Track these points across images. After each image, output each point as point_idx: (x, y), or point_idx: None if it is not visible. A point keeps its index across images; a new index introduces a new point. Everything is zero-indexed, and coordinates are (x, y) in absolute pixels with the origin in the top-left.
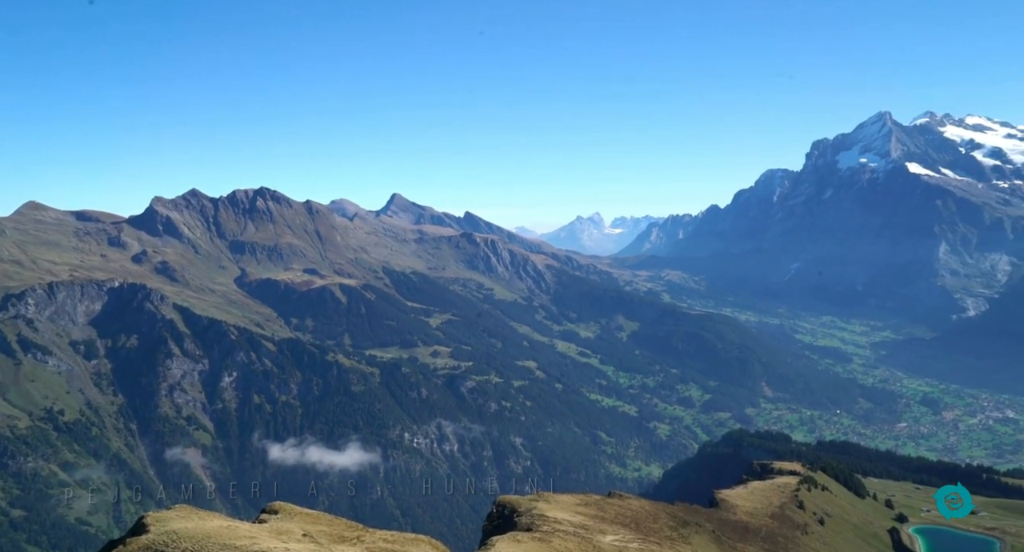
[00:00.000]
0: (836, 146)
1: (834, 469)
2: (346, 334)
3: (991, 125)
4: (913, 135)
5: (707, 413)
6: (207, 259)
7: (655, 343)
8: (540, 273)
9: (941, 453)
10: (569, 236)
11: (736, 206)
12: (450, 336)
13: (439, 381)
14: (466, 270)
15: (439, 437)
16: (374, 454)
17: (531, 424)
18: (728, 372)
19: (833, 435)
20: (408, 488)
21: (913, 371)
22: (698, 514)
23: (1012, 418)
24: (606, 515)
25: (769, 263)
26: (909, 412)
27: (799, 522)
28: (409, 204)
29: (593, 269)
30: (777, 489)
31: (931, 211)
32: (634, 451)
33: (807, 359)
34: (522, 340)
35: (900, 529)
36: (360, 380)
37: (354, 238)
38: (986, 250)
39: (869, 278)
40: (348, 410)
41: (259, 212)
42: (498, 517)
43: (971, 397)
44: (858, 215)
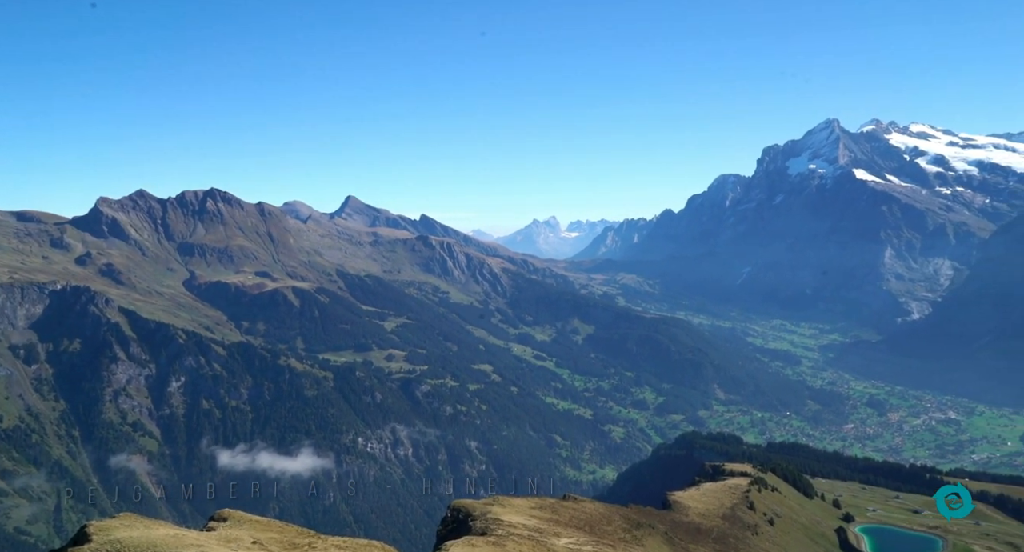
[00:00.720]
0: (786, 152)
1: (784, 470)
2: (299, 338)
3: (934, 133)
4: (860, 142)
5: (661, 415)
6: (155, 261)
7: (610, 346)
8: (496, 276)
9: (886, 453)
10: (525, 240)
11: (690, 211)
12: (405, 339)
13: (394, 385)
14: (422, 273)
15: (393, 441)
16: (327, 459)
17: (486, 428)
18: (681, 375)
19: (783, 436)
20: (362, 493)
21: (860, 373)
22: (651, 516)
23: (954, 419)
24: (560, 518)
25: (722, 267)
26: (856, 413)
27: (750, 523)
28: (364, 206)
29: (549, 272)
30: (728, 490)
31: (877, 217)
32: (589, 454)
33: (758, 362)
34: (478, 343)
35: (847, 528)
36: (313, 384)
37: (307, 240)
38: (929, 255)
39: (818, 282)
40: (300, 415)
41: (209, 214)
42: (452, 521)
43: (915, 398)
44: (807, 220)
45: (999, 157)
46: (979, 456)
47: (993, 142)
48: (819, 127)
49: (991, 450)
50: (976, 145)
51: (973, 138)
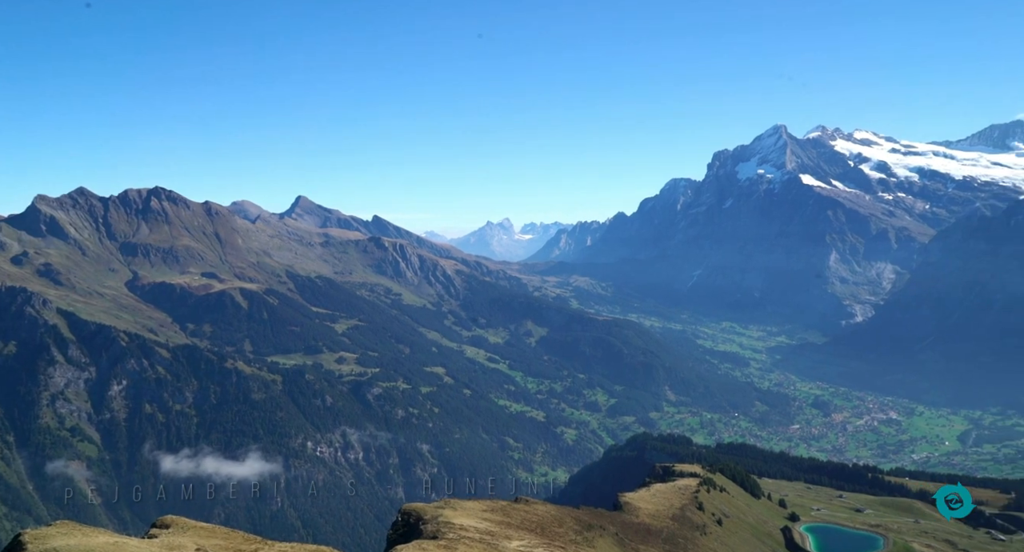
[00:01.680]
0: (736, 157)
1: (732, 470)
2: (247, 340)
3: (877, 140)
4: (806, 148)
5: (613, 417)
6: (96, 261)
7: (563, 348)
8: (450, 278)
9: (831, 453)
10: (479, 241)
11: (642, 214)
12: (357, 342)
13: (344, 388)
14: (374, 275)
15: (344, 445)
16: (275, 464)
17: (439, 430)
18: (633, 377)
19: (731, 437)
20: (310, 498)
21: (806, 375)
22: (602, 517)
23: (895, 419)
24: (512, 521)
25: (673, 269)
26: (802, 414)
27: (698, 523)
28: (315, 207)
29: (503, 275)
30: (678, 491)
31: (823, 221)
32: (541, 456)
33: (708, 363)
34: (431, 346)
35: (792, 528)
36: (261, 387)
37: (256, 241)
38: (872, 259)
39: (766, 285)
40: (247, 419)
41: (153, 213)
42: (403, 525)
43: (858, 399)
44: (756, 224)
45: (938, 164)
46: (919, 455)
47: (933, 149)
48: (767, 133)
49: (930, 450)
50: (917, 152)
51: (914, 145)
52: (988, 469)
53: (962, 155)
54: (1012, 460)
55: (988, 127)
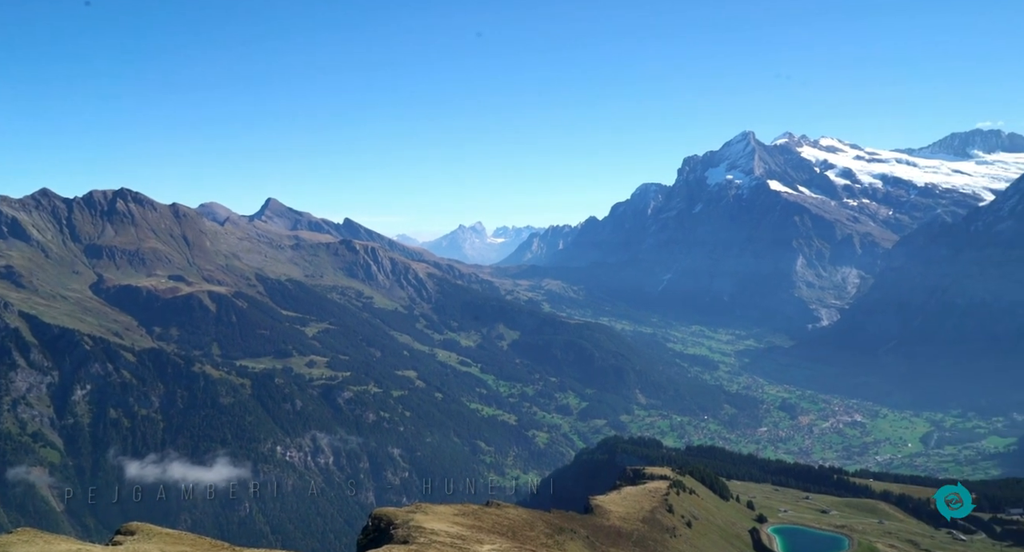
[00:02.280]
0: (705, 163)
1: (701, 473)
2: (215, 344)
3: (842, 147)
4: (774, 154)
5: (584, 420)
6: (59, 264)
7: (535, 352)
8: (422, 282)
9: (797, 456)
10: (451, 245)
11: (613, 218)
12: (327, 345)
13: (315, 392)
14: (345, 278)
15: (313, 450)
16: (243, 469)
17: (410, 434)
18: (604, 380)
19: (701, 440)
20: (279, 503)
21: (773, 378)
22: (573, 521)
23: (859, 422)
24: (483, 525)
25: (644, 273)
26: (769, 417)
27: (668, 525)
28: (285, 209)
29: (475, 278)
30: (648, 494)
31: (790, 226)
32: (513, 459)
33: (678, 367)
34: (402, 349)
35: (760, 529)
36: (229, 392)
37: (225, 244)
38: (838, 264)
39: (735, 289)
40: (215, 423)
41: (119, 214)
42: (374, 530)
43: (824, 402)
44: (725, 229)
45: (901, 171)
46: (882, 457)
47: (896, 157)
48: (736, 139)
49: (893, 451)
50: (880, 159)
51: (878, 153)
52: (949, 470)
53: (924, 163)
54: (972, 461)
55: (949, 136)
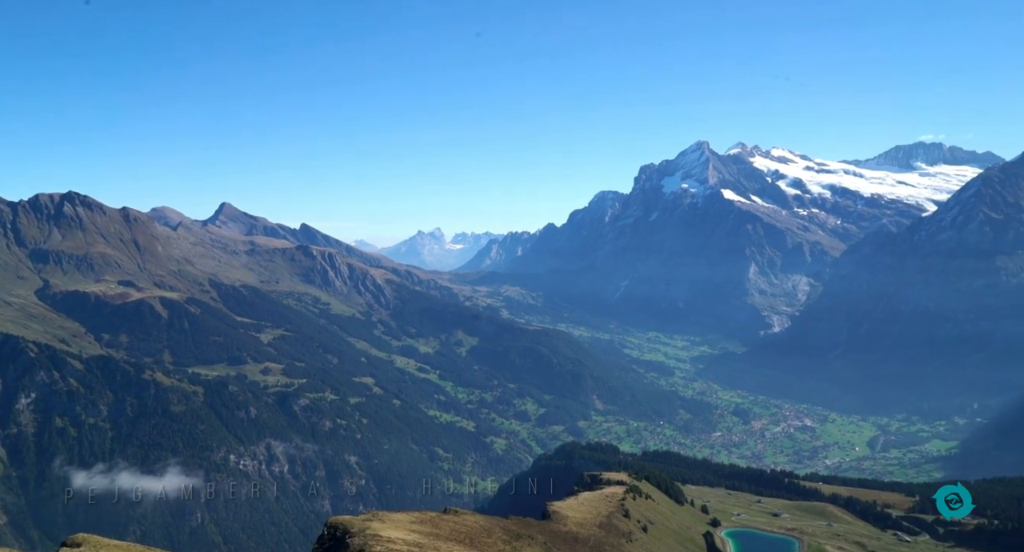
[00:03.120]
0: (661, 171)
1: (657, 478)
2: (166, 351)
3: (793, 158)
4: (727, 164)
5: (542, 426)
6: (3, 269)
7: (494, 358)
8: (380, 288)
9: (750, 460)
10: (410, 251)
11: (571, 225)
12: (283, 352)
13: (270, 399)
14: (302, 284)
15: (268, 458)
16: (195, 478)
17: (367, 442)
18: (562, 386)
19: (657, 445)
20: (232, 513)
21: (727, 383)
22: (530, 527)
23: (810, 426)
24: (441, 532)
25: (601, 280)
26: (723, 422)
27: (624, 530)
28: (240, 214)
29: (434, 284)
30: (605, 499)
31: (743, 235)
32: (471, 466)
33: (634, 373)
34: (360, 356)
35: (713, 533)
36: (181, 399)
37: (177, 249)
38: (789, 272)
39: (690, 296)
40: (166, 432)
41: (67, 218)
42: (329, 539)
43: (776, 407)
44: (681, 237)
45: (848, 182)
46: (831, 460)
47: (844, 168)
48: (691, 148)
49: (842, 455)
50: (829, 170)
51: (827, 164)
52: (895, 473)
53: (870, 174)
54: (916, 464)
55: (893, 148)
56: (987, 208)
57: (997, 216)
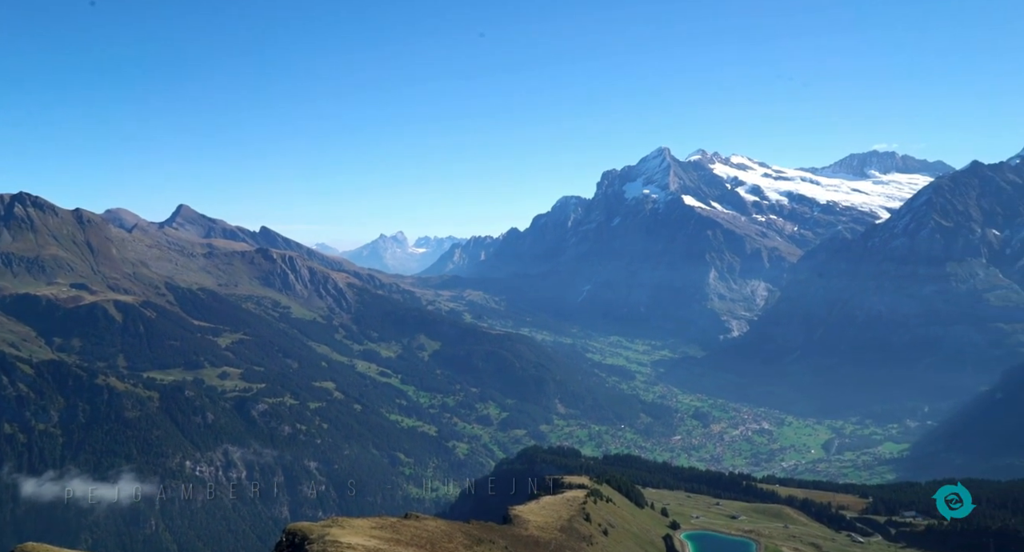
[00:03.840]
0: (623, 177)
1: (617, 481)
2: (120, 355)
3: (752, 165)
4: (688, 170)
5: (504, 431)
6: None
7: (456, 362)
8: (341, 291)
9: (709, 463)
10: (372, 254)
11: (535, 230)
12: (241, 356)
13: (227, 404)
14: (261, 287)
15: (225, 464)
16: (150, 485)
17: (327, 447)
18: (525, 390)
19: (618, 449)
20: (188, 520)
21: (687, 387)
22: (492, 531)
23: (767, 429)
24: (402, 537)
25: (564, 285)
26: (683, 425)
27: (585, 534)
28: (198, 216)
29: (396, 288)
30: (566, 503)
31: (703, 240)
32: (433, 471)
33: (596, 377)
34: (320, 360)
35: (673, 535)
36: (136, 405)
37: (133, 251)
38: (747, 277)
39: (651, 300)
40: (120, 438)
41: (17, 220)
42: (287, 546)
43: (734, 411)
44: (642, 242)
45: (805, 189)
46: (788, 463)
47: (801, 175)
48: (652, 154)
49: (798, 457)
50: (786, 177)
51: (784, 171)
52: (849, 475)
53: (826, 181)
54: (870, 467)
55: (848, 156)
56: (938, 216)
57: (947, 224)
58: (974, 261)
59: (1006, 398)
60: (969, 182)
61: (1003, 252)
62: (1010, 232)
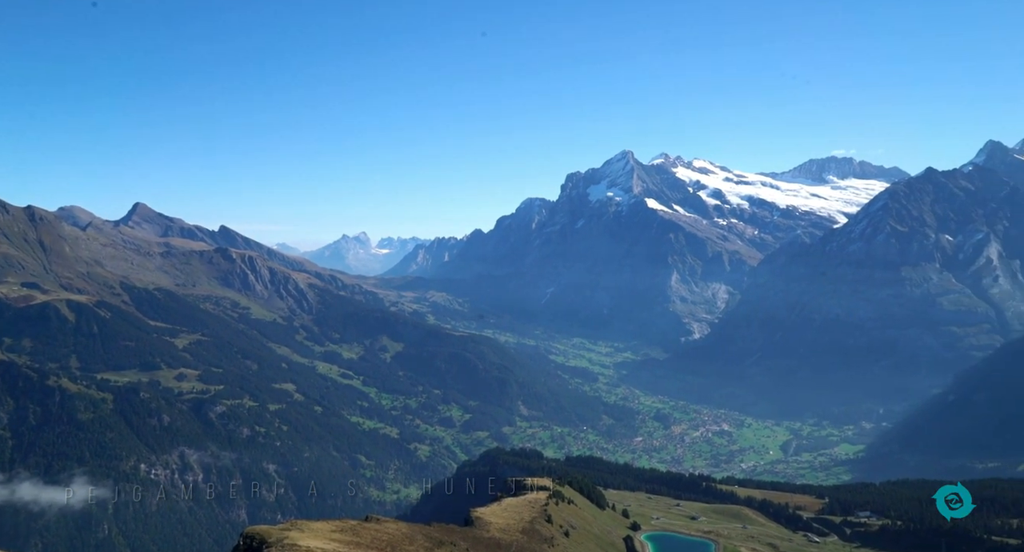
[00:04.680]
0: (587, 179)
1: (579, 483)
2: (73, 356)
3: (714, 169)
4: (651, 173)
5: (467, 433)
6: None
7: (419, 364)
8: (303, 292)
9: (670, 464)
10: (334, 255)
11: (498, 231)
12: (199, 358)
13: (184, 406)
14: (220, 287)
15: (181, 467)
16: (103, 488)
17: (287, 449)
18: (488, 392)
19: (580, 450)
20: (142, 524)
21: (649, 389)
22: (453, 533)
23: (727, 431)
24: (362, 540)
25: (528, 287)
26: (644, 427)
27: (547, 535)
28: (155, 215)
29: (358, 289)
30: (528, 504)
31: (665, 243)
32: (394, 473)
33: (559, 378)
34: (281, 361)
35: (633, 537)
36: (89, 407)
37: (87, 250)
38: (709, 280)
39: (614, 303)
40: (72, 441)
41: None
42: (245, 549)
43: (695, 412)
44: (606, 244)
45: (766, 194)
46: (747, 464)
47: (761, 180)
48: (616, 157)
49: (756, 459)
50: (747, 181)
51: (745, 175)
52: (806, 476)
53: (785, 186)
54: (826, 467)
55: (808, 161)
56: (893, 221)
57: (902, 229)
58: (928, 266)
59: (958, 400)
60: (924, 188)
61: (956, 257)
62: (963, 237)
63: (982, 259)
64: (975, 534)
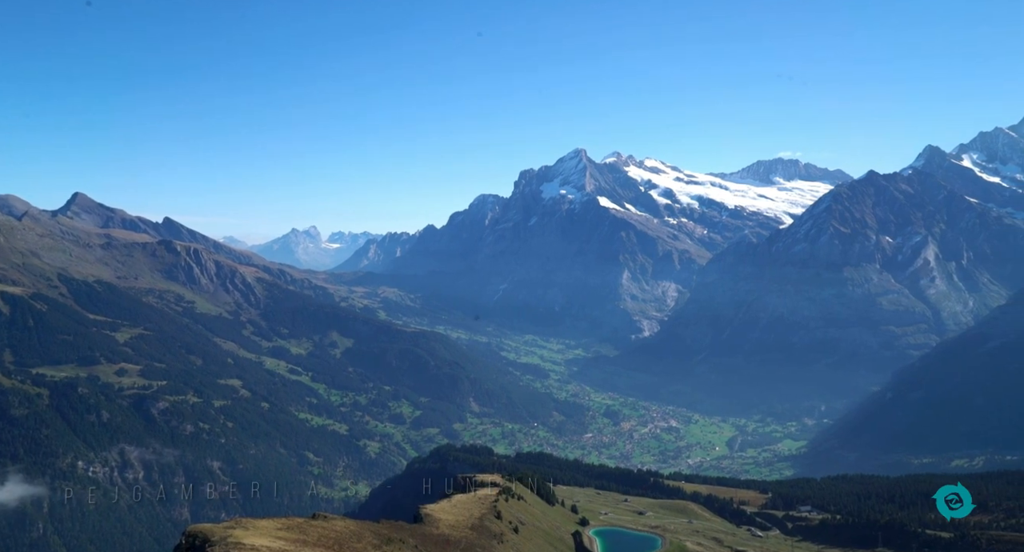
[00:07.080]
0: (540, 177)
1: (529, 479)
2: (7, 350)
3: (665, 168)
4: (604, 172)
5: (417, 429)
6: None
7: (369, 360)
8: (250, 286)
9: (619, 460)
10: (283, 249)
11: (451, 227)
12: (141, 352)
13: (125, 402)
14: (163, 280)
15: (121, 464)
16: (39, 486)
17: (232, 446)
18: (439, 388)
19: (530, 447)
20: (79, 523)
21: (599, 386)
22: (402, 530)
23: (675, 427)
24: (308, 538)
25: (480, 283)
26: (594, 423)
27: (496, 532)
28: (95, 205)
29: (308, 284)
30: (478, 501)
31: (617, 242)
32: (343, 470)
33: (511, 375)
34: (227, 357)
35: (582, 532)
36: (23, 402)
37: (22, 240)
38: (659, 278)
39: (566, 300)
40: (5, 437)
41: None
42: (187, 549)
43: (644, 409)
44: (558, 242)
45: (715, 194)
46: (694, 460)
47: (711, 180)
48: (569, 156)
49: (703, 454)
50: (697, 181)
51: (695, 175)
52: (750, 471)
53: (734, 186)
54: (770, 463)
55: (755, 163)
56: (836, 222)
57: (845, 230)
58: (869, 267)
59: (895, 398)
60: (865, 191)
61: (895, 259)
62: (902, 239)
63: (920, 261)
64: (910, 528)
